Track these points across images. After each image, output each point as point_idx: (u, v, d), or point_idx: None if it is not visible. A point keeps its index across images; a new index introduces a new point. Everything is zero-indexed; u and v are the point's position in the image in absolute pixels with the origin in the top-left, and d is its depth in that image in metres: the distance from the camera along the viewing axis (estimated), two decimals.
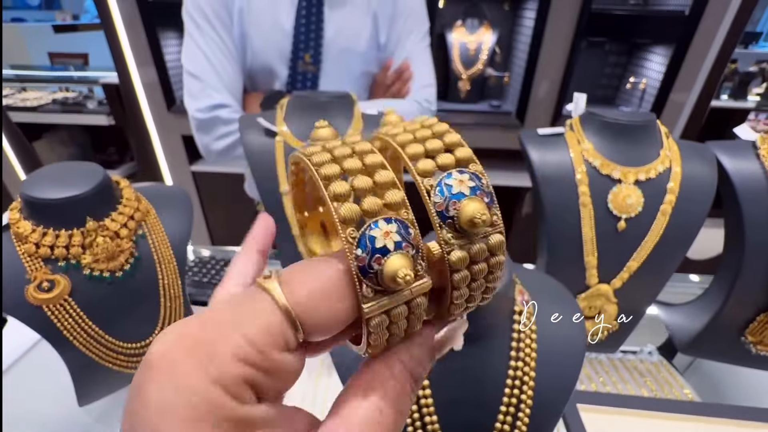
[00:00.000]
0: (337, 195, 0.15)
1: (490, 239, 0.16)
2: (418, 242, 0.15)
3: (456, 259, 0.16)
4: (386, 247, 0.14)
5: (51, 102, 2.10)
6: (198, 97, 0.80)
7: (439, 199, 0.16)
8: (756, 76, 2.05)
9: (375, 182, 0.15)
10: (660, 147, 0.55)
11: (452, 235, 0.16)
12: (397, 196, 0.15)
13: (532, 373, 0.35)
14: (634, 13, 1.61)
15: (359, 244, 0.14)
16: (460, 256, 0.16)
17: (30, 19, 3.03)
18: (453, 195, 0.15)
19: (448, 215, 0.15)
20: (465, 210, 0.15)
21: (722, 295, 0.61)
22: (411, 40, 0.88)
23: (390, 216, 0.15)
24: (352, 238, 0.14)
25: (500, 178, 1.67)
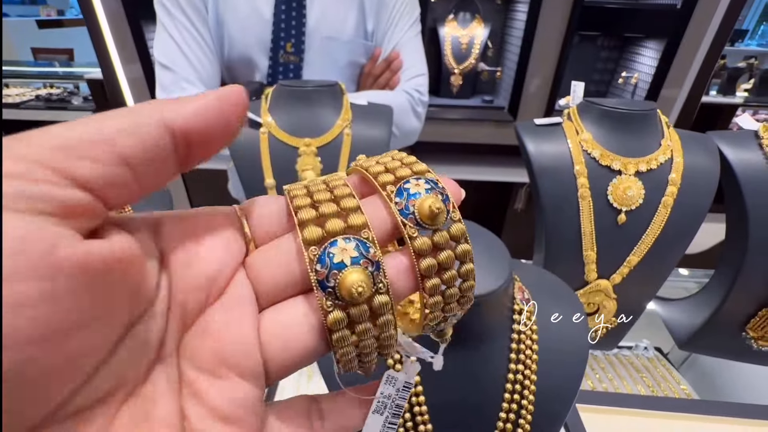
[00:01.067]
0: (303, 221, 0.16)
1: (451, 228, 0.17)
2: (378, 259, 0.16)
3: (420, 244, 0.17)
4: (343, 262, 0.16)
5: (34, 98, 2.05)
6: (170, 90, 0.75)
7: (399, 199, 0.17)
8: (744, 72, 2.07)
9: (340, 208, 0.17)
10: (661, 137, 0.53)
11: (414, 228, 0.17)
12: (358, 219, 0.17)
13: (533, 376, 0.32)
14: (626, 7, 1.60)
15: (319, 260, 0.16)
16: (423, 241, 0.17)
17: (13, 14, 2.95)
18: (411, 194, 0.17)
19: (409, 212, 0.17)
20: (423, 204, 0.16)
21: (723, 289, 0.59)
22: (400, 27, 0.84)
23: (350, 236, 0.16)
24: (314, 255, 0.16)
25: (493, 174, 1.65)
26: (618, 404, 0.59)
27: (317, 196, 0.17)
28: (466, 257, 0.18)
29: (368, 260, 0.16)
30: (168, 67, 0.74)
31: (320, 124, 0.61)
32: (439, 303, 0.17)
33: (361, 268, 0.16)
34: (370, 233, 0.16)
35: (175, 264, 0.15)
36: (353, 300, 0.15)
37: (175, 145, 0.14)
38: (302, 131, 0.59)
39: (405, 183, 0.17)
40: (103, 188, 0.12)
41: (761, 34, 2.93)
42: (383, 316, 0.16)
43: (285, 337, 0.16)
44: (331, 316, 0.16)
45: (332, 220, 0.16)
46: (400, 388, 0.20)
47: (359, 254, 0.16)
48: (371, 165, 0.19)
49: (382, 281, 0.16)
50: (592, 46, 1.73)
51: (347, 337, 0.16)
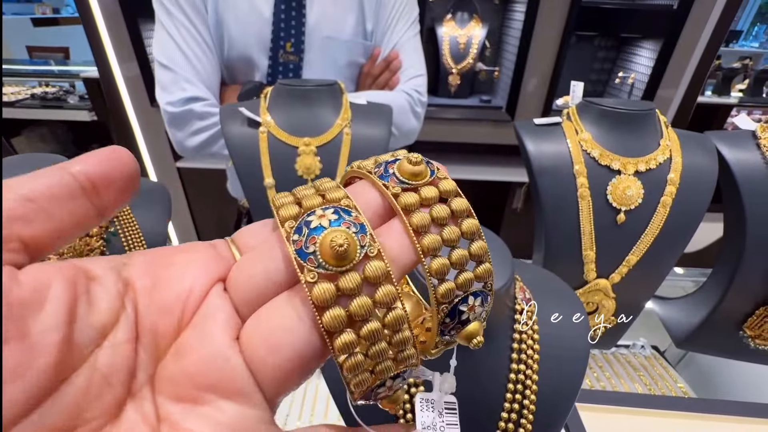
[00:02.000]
0: (280, 205, 0.15)
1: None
2: (362, 221, 0.14)
3: (405, 200, 0.15)
4: (321, 226, 0.14)
5: (29, 97, 2.03)
6: (170, 90, 0.75)
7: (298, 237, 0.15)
8: (738, 73, 2.09)
9: (317, 189, 0.16)
10: (660, 137, 0.53)
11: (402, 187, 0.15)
12: (338, 193, 0.15)
13: (534, 375, 0.32)
14: (623, 7, 1.61)
15: (295, 231, 0.14)
16: (411, 195, 0.15)
17: (8, 12, 2.93)
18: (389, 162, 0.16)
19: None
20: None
21: (720, 288, 0.60)
22: (399, 28, 0.84)
23: (329, 205, 0.15)
24: (290, 228, 0.14)
25: (490, 173, 1.66)
26: (616, 403, 0.59)
27: (300, 193, 0.16)
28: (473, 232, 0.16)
29: (350, 222, 0.14)
30: (168, 66, 0.74)
31: (320, 123, 0.60)
32: (453, 290, 0.15)
33: (342, 228, 0.14)
34: (351, 201, 0.15)
35: (142, 289, 0.14)
36: (340, 262, 0.13)
37: (82, 187, 0.13)
38: (302, 130, 0.59)
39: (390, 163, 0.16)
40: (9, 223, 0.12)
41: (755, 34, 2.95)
42: (382, 287, 0.14)
43: (271, 340, 0.14)
44: (316, 288, 0.13)
45: (309, 197, 0.15)
46: (442, 411, 0.18)
47: (339, 217, 0.14)
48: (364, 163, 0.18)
49: (370, 243, 0.14)
50: (589, 46, 1.74)
51: (342, 318, 0.13)
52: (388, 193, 0.15)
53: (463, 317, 0.16)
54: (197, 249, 0.16)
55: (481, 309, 0.16)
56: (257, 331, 0.14)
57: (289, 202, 0.15)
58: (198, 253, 0.16)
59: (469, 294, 0.16)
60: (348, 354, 0.14)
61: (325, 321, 0.13)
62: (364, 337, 0.14)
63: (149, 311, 0.14)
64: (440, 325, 0.16)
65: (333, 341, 0.13)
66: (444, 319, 0.15)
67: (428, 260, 0.15)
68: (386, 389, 0.15)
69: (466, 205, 0.16)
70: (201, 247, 0.16)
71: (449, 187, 0.16)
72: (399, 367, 0.15)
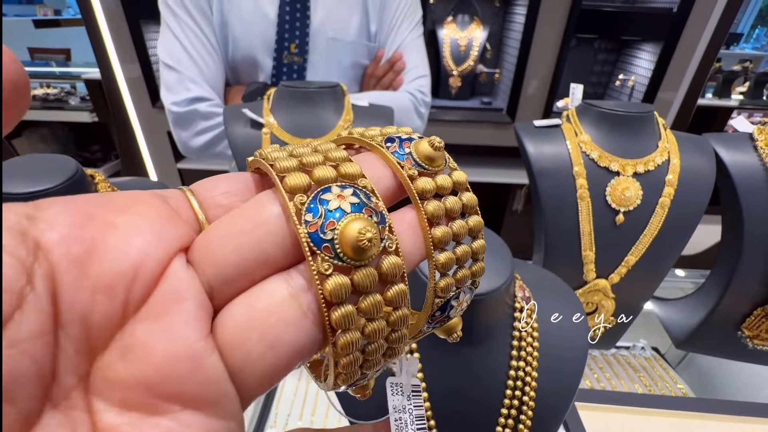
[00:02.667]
0: (284, 168, 0.13)
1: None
2: (382, 210, 0.13)
3: (423, 185, 0.14)
4: (341, 208, 0.12)
5: (31, 98, 2.04)
6: (175, 90, 0.76)
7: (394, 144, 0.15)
8: (739, 75, 2.10)
9: (323, 154, 0.14)
10: (658, 138, 0.54)
11: (417, 170, 0.14)
12: (352, 168, 0.13)
13: (534, 373, 0.33)
14: (623, 10, 1.62)
15: (309, 210, 0.12)
16: (428, 182, 0.14)
17: (10, 13, 2.94)
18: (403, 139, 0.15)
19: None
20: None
21: (719, 289, 0.60)
22: (403, 29, 0.85)
23: (345, 183, 0.13)
24: (301, 203, 0.12)
25: (491, 175, 1.66)
26: (616, 402, 0.59)
27: (298, 151, 0.14)
28: (478, 230, 0.15)
29: (371, 209, 0.13)
30: (173, 67, 0.75)
31: (322, 124, 0.61)
32: (452, 285, 0.15)
33: (365, 216, 0.12)
34: (369, 182, 0.13)
35: (64, 258, 0.10)
36: (360, 256, 0.12)
37: None
38: (304, 132, 0.60)
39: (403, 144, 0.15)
40: None
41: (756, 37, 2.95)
42: (395, 286, 0.13)
43: (270, 335, 0.11)
44: (330, 282, 0.12)
45: (320, 167, 0.13)
46: (410, 394, 0.17)
47: (360, 201, 0.13)
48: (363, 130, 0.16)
49: (389, 237, 0.13)
50: (589, 49, 1.74)
51: (353, 316, 0.12)
52: (404, 175, 0.14)
53: (451, 312, 0.15)
54: (144, 202, 0.12)
55: (466, 305, 0.16)
56: (251, 322, 0.11)
57: (293, 167, 0.13)
58: (147, 209, 0.12)
59: (461, 290, 0.15)
60: (349, 351, 0.12)
61: (334, 318, 0.12)
62: (366, 336, 0.13)
63: (78, 291, 0.10)
64: (429, 318, 0.15)
65: (337, 338, 0.12)
66: (435, 313, 0.15)
67: (436, 253, 0.14)
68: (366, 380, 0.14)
69: (474, 201, 0.15)
70: (149, 199, 0.12)
71: (461, 178, 0.15)
72: (385, 361, 0.14)
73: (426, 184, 0.14)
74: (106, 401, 0.10)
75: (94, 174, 0.49)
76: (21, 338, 0.09)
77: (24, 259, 0.10)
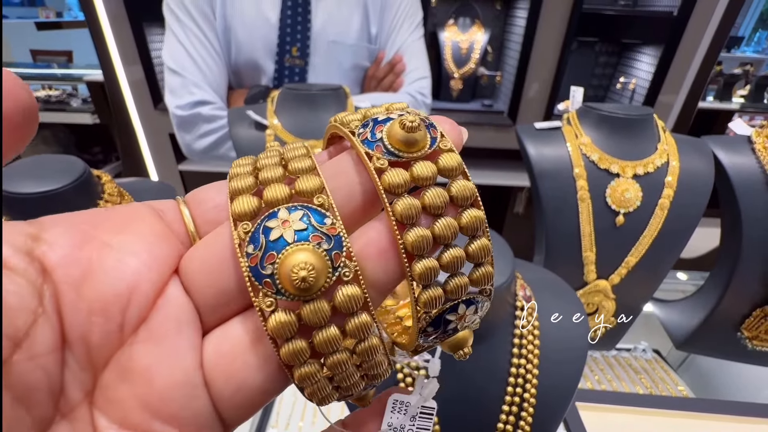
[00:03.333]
0: (236, 190, 0.12)
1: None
2: (338, 232, 0.11)
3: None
4: (283, 238, 0.11)
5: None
6: (178, 94, 0.77)
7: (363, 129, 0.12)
8: (740, 78, 2.10)
9: (289, 171, 0.12)
10: (657, 141, 0.54)
11: (389, 159, 0.12)
12: (309, 183, 0.12)
13: (535, 371, 0.33)
14: (624, 13, 1.63)
15: (251, 239, 0.11)
16: (397, 174, 0.11)
17: (12, 16, 2.96)
18: (379, 121, 0.12)
19: (376, 139, 0.12)
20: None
21: (718, 290, 0.60)
22: (403, 31, 0.86)
23: (297, 204, 0.12)
24: (245, 233, 0.11)
25: (492, 178, 1.67)
26: (616, 402, 0.59)
27: (262, 162, 0.13)
28: (476, 227, 0.12)
29: (321, 234, 0.11)
30: (177, 71, 0.76)
31: (325, 126, 0.61)
32: (440, 298, 0.12)
33: (309, 246, 0.11)
34: (327, 199, 0.12)
35: (66, 280, 0.11)
36: (302, 293, 0.11)
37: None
38: (307, 133, 0.60)
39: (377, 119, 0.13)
40: None
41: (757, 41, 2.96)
42: (354, 318, 0.11)
43: (230, 373, 0.12)
44: (272, 320, 0.11)
45: (273, 186, 0.12)
46: (416, 415, 0.15)
47: (308, 227, 0.11)
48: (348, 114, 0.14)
49: (345, 264, 0.11)
50: (590, 52, 1.75)
51: (303, 352, 0.11)
52: (371, 169, 0.12)
53: (450, 327, 0.13)
54: (140, 219, 0.12)
55: (474, 317, 0.13)
56: (217, 365, 0.12)
57: (247, 186, 0.12)
58: (142, 227, 0.12)
59: (460, 302, 0.12)
60: (311, 383, 0.12)
61: (282, 354, 0.11)
62: (329, 367, 0.12)
63: (76, 312, 0.11)
64: (421, 333, 0.13)
65: (292, 372, 0.12)
66: (426, 328, 0.13)
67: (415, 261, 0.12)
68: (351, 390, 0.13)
69: (471, 191, 0.12)
70: (144, 216, 0.12)
71: (451, 163, 0.12)
72: (368, 383, 0.13)
73: (394, 178, 0.11)
74: (109, 418, 0.11)
75: (100, 174, 0.50)
76: (37, 352, 0.10)
77: (35, 280, 0.10)
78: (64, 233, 0.11)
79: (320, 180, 0.12)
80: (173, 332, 0.11)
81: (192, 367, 0.11)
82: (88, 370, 0.11)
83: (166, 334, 0.11)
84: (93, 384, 0.11)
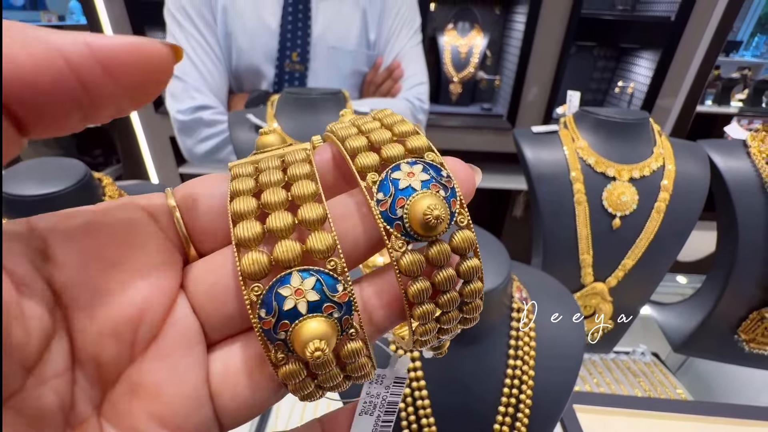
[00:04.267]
0: (242, 240, 0.12)
1: (455, 237, 0.12)
2: (348, 299, 0.12)
3: (407, 264, 0.12)
4: (296, 308, 0.12)
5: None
6: (180, 98, 0.78)
7: (384, 196, 0.12)
8: (738, 83, 2.11)
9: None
10: (653, 145, 0.55)
11: (403, 241, 0.12)
12: (321, 242, 0.12)
13: (531, 372, 0.34)
14: (622, 18, 1.64)
15: (263, 304, 0.12)
16: (411, 260, 0.12)
17: (14, 19, 2.97)
18: (400, 191, 0.12)
19: (395, 216, 0.12)
20: (415, 207, 0.12)
21: (715, 293, 0.61)
22: (402, 37, 0.87)
23: (310, 267, 0.12)
24: (256, 296, 0.12)
25: (491, 181, 1.67)
26: (614, 405, 0.60)
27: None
28: (472, 275, 0.13)
29: (334, 304, 0.12)
30: (178, 76, 0.77)
31: (324, 130, 0.62)
32: (432, 329, 0.13)
33: (322, 318, 0.12)
34: (339, 262, 0.12)
35: (75, 305, 0.11)
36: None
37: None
38: (307, 137, 0.61)
39: (393, 170, 0.13)
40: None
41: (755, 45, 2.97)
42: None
43: (234, 389, 0.13)
44: (283, 370, 0.12)
45: (284, 243, 0.12)
46: (390, 385, 0.17)
47: (321, 297, 0.12)
48: (349, 134, 0.14)
49: (353, 326, 0.12)
50: (588, 56, 1.76)
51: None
52: (389, 248, 0.12)
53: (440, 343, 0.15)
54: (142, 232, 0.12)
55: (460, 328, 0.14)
56: (224, 383, 0.13)
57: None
58: (146, 241, 0.12)
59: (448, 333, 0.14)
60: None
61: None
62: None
63: (86, 334, 0.11)
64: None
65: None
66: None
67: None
68: None
69: (477, 266, 0.13)
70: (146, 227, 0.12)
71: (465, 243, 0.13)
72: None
73: (413, 265, 0.12)
74: (117, 428, 0.11)
75: (101, 177, 0.50)
76: (49, 376, 0.10)
77: (48, 301, 0.10)
78: (69, 246, 0.11)
79: (331, 240, 0.12)
80: (182, 350, 0.12)
81: (200, 383, 0.12)
82: (98, 387, 0.11)
83: (176, 352, 0.12)
84: (102, 398, 0.12)
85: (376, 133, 0.14)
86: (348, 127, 0.14)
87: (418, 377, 0.32)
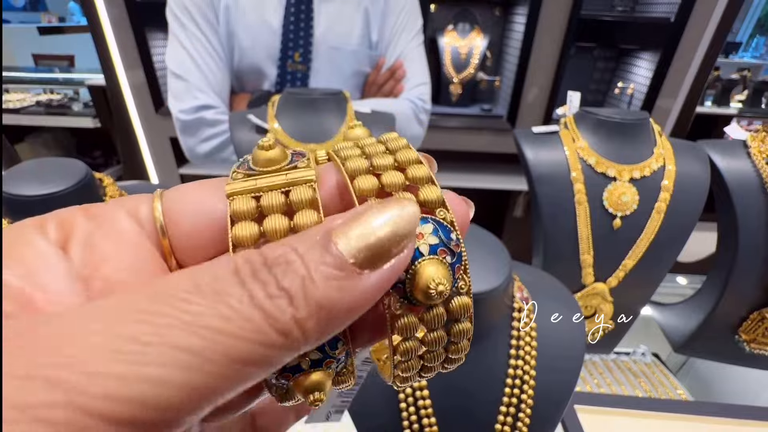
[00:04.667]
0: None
1: (452, 302, 0.12)
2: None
3: (402, 326, 0.12)
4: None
5: (34, 104, 2.06)
6: (182, 98, 0.78)
7: None
8: (738, 84, 2.11)
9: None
10: (654, 145, 0.55)
11: (401, 303, 0.12)
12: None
13: (532, 372, 0.34)
14: (621, 19, 1.64)
15: None
16: (407, 323, 0.12)
17: (14, 20, 2.98)
18: None
19: (398, 280, 0.12)
20: (420, 275, 0.11)
21: (715, 293, 0.61)
22: (404, 37, 0.87)
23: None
24: None
25: (492, 182, 1.67)
26: (615, 405, 0.60)
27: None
28: (460, 337, 0.13)
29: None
30: (181, 76, 0.77)
31: (325, 130, 0.62)
32: (414, 367, 0.13)
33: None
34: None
35: None
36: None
37: None
38: (308, 137, 0.61)
39: None
40: None
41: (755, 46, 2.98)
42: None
43: None
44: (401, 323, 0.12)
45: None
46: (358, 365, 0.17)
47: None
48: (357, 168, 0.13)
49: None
50: (588, 57, 1.76)
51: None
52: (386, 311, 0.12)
53: None
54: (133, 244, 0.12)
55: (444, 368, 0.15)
56: None
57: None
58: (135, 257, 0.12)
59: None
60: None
61: (400, 350, 0.12)
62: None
63: None
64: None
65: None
66: None
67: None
68: None
69: (468, 330, 0.13)
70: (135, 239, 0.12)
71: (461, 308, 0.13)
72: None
73: (408, 324, 0.12)
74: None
75: (102, 178, 0.50)
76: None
77: None
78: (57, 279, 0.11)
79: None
80: None
81: None
82: None
83: None
84: None
85: (379, 157, 0.13)
86: (351, 148, 0.14)
87: None
